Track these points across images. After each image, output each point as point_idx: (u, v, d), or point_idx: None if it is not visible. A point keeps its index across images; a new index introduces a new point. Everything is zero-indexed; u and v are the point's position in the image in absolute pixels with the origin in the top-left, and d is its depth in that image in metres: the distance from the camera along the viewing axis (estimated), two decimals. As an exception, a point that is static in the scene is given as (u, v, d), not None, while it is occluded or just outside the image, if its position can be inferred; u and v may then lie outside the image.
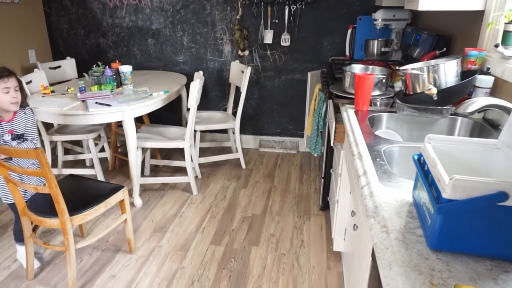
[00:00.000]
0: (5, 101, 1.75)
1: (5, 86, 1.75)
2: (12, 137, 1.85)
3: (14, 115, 1.86)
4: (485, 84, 1.55)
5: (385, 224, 0.88)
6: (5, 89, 1.74)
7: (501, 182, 0.67)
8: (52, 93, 2.69)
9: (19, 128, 1.87)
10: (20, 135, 1.88)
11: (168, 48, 3.53)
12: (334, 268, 2.10)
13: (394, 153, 1.34)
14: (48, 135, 2.83)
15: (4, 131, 1.83)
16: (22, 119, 1.89)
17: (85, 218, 1.89)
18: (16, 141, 1.87)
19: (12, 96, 1.76)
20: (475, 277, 0.71)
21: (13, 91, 1.77)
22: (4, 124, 1.84)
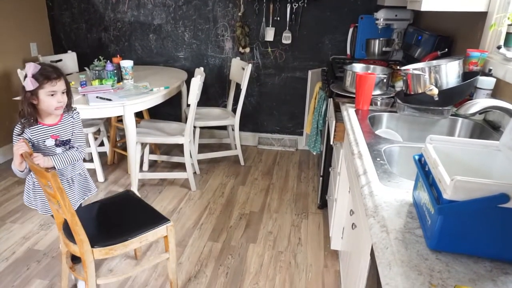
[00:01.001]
0: (50, 105, 1.58)
1: (52, 89, 1.56)
2: (57, 143, 1.66)
3: (60, 119, 1.68)
4: (486, 85, 1.55)
5: (384, 223, 0.88)
6: (51, 92, 1.56)
7: (502, 184, 0.67)
8: None
9: (64, 134, 1.69)
10: (66, 141, 1.70)
11: (170, 44, 3.53)
12: (331, 267, 2.10)
13: (394, 153, 1.34)
14: None
15: (46, 136, 1.64)
16: (68, 123, 1.70)
17: (111, 253, 1.59)
18: (61, 147, 1.69)
19: (58, 100, 1.59)
20: (475, 278, 0.71)
21: (60, 95, 1.59)
22: (46, 128, 1.64)
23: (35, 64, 1.52)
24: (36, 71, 1.52)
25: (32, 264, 2.05)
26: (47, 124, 1.65)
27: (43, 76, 1.53)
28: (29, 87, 1.53)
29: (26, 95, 1.54)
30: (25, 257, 2.11)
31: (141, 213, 1.80)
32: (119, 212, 1.82)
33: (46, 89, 1.55)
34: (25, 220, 2.43)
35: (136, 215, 1.78)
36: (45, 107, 1.59)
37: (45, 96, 1.56)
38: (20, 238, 2.27)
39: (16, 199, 2.67)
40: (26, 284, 1.92)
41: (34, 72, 1.52)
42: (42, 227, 2.37)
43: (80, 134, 1.76)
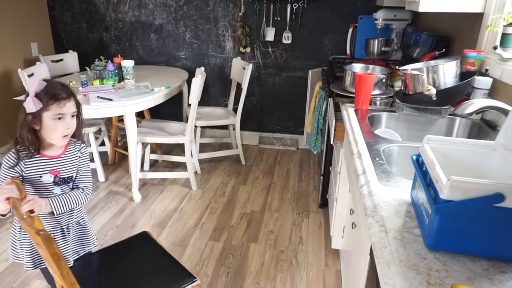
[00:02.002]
0: (55, 132, 1.27)
1: (59, 112, 1.25)
2: (55, 181, 1.35)
3: (64, 151, 1.37)
4: (483, 85, 1.57)
5: (383, 223, 0.90)
6: (58, 115, 1.25)
7: (498, 184, 0.68)
8: None
9: (67, 170, 1.37)
10: (67, 179, 1.38)
11: (170, 44, 3.54)
12: (332, 266, 2.12)
13: (393, 152, 1.35)
14: None
15: (44, 170, 1.32)
16: (73, 157, 1.39)
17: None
18: (60, 187, 1.36)
19: (66, 126, 1.28)
20: (472, 277, 0.72)
21: (69, 119, 1.28)
22: (45, 160, 1.32)
23: (40, 81, 1.24)
24: (40, 88, 1.23)
25: None
26: (47, 156, 1.33)
27: (50, 95, 1.24)
28: (31, 108, 1.22)
29: (27, 118, 1.25)
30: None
31: (160, 268, 1.45)
32: (132, 266, 1.48)
33: (52, 111, 1.24)
34: (27, 220, 2.44)
35: (154, 272, 1.43)
36: (48, 134, 1.28)
37: (50, 120, 1.25)
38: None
39: (18, 200, 2.68)
40: (26, 285, 1.93)
41: (38, 90, 1.23)
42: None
43: (88, 173, 1.45)
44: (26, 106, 1.23)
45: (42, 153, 1.33)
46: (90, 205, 2.63)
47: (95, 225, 2.41)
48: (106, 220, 2.47)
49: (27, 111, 1.23)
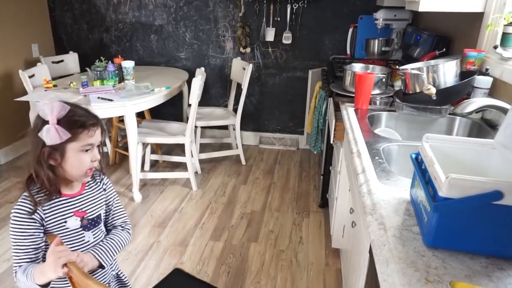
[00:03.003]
0: (82, 166, 1.05)
1: (88, 142, 1.04)
2: (84, 225, 1.11)
3: (83, 186, 1.13)
4: (483, 84, 1.57)
5: (382, 221, 0.90)
6: (86, 146, 1.04)
7: (496, 181, 0.68)
8: (55, 87, 2.70)
9: (93, 208, 1.14)
10: (96, 219, 1.14)
11: (171, 44, 3.55)
12: (332, 265, 2.12)
13: (393, 151, 1.36)
14: None
15: (68, 213, 1.08)
16: (97, 192, 1.16)
17: None
18: (91, 231, 1.12)
19: (93, 158, 1.06)
20: (471, 274, 0.72)
21: (96, 150, 1.08)
22: (66, 201, 1.08)
23: (63, 104, 1.00)
24: (64, 114, 0.99)
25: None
26: (66, 195, 1.09)
27: (77, 122, 1.02)
28: (55, 139, 0.97)
29: (44, 151, 1.00)
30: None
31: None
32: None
33: (81, 141, 1.02)
34: (28, 220, 2.45)
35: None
36: (72, 169, 1.04)
37: (76, 152, 1.02)
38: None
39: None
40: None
41: (61, 115, 0.98)
42: None
43: (120, 205, 1.25)
44: (46, 137, 0.97)
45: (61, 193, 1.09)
46: None
47: None
48: None
49: (49, 142, 0.97)
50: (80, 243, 1.10)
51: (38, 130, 0.99)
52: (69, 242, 1.09)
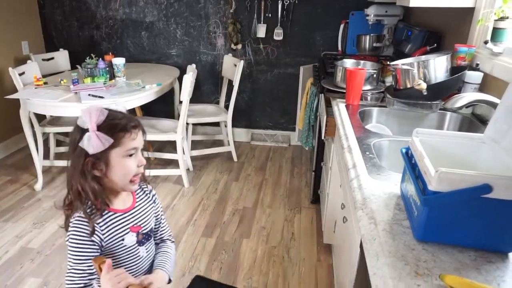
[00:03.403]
0: (129, 172, 0.99)
1: (132, 146, 0.98)
2: (139, 240, 1.07)
3: (134, 199, 1.09)
4: (474, 80, 1.58)
5: (373, 215, 0.90)
6: (131, 150, 0.98)
7: (485, 175, 0.69)
8: (45, 85, 2.67)
9: (146, 222, 1.10)
10: (149, 233, 1.11)
11: (162, 41, 3.52)
12: (324, 261, 2.12)
13: (383, 146, 1.36)
14: (40, 126, 2.80)
15: (125, 229, 1.04)
16: (148, 205, 1.12)
17: None
18: (145, 246, 1.09)
19: (139, 163, 1.01)
20: (460, 267, 0.73)
21: (140, 154, 1.02)
22: (121, 216, 1.04)
23: (101, 109, 0.95)
24: (103, 119, 0.94)
25: (26, 263, 2.05)
26: (120, 210, 1.04)
27: (117, 126, 0.96)
28: (98, 147, 0.92)
29: (87, 162, 0.95)
30: (18, 255, 2.10)
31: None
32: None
33: (124, 146, 0.96)
34: (18, 219, 2.42)
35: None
36: (118, 177, 0.98)
37: (120, 158, 0.97)
38: (13, 237, 2.26)
39: (8, 198, 2.66)
40: (20, 283, 1.91)
41: (100, 121, 0.93)
42: (35, 226, 2.36)
43: (165, 217, 1.22)
44: (88, 146, 0.92)
45: (111, 208, 1.02)
46: None
47: None
48: None
49: (92, 151, 0.92)
50: (135, 260, 1.07)
51: (78, 140, 0.93)
52: (125, 260, 1.05)
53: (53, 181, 2.92)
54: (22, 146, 3.41)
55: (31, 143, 2.66)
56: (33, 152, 2.71)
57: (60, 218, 2.41)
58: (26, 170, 3.04)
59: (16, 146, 3.41)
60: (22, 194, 2.72)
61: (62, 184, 2.88)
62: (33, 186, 2.79)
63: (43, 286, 1.90)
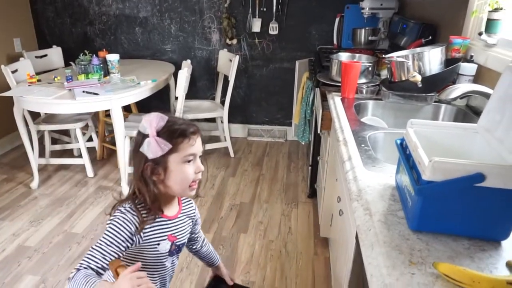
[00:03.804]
0: (187, 178, 0.99)
1: (191, 151, 0.98)
2: (171, 249, 1.07)
3: (180, 208, 1.11)
4: (468, 71, 1.58)
5: (368, 207, 0.91)
6: (189, 156, 0.98)
7: (478, 164, 0.69)
8: (39, 82, 2.65)
9: (183, 234, 1.11)
10: (181, 246, 1.12)
11: (156, 37, 3.50)
12: (321, 254, 2.13)
13: (379, 139, 1.36)
14: (35, 124, 2.79)
15: (164, 236, 1.04)
16: (188, 217, 1.13)
17: None
18: (172, 258, 1.11)
19: (198, 170, 1.01)
20: (453, 255, 0.73)
21: (199, 160, 1.02)
22: (165, 222, 1.05)
23: (161, 115, 0.96)
24: (162, 125, 0.95)
25: (23, 261, 2.04)
26: (166, 217, 1.05)
27: (176, 131, 0.96)
28: (157, 152, 0.93)
29: (147, 166, 0.96)
30: (15, 254, 2.10)
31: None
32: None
33: (182, 152, 0.96)
34: (14, 217, 2.42)
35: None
36: (176, 183, 0.99)
37: (178, 164, 0.97)
38: (10, 235, 2.25)
39: (4, 197, 2.65)
40: (17, 280, 1.91)
41: (160, 126, 0.95)
42: (32, 224, 2.36)
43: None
44: (147, 150, 0.93)
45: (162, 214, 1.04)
46: (79, 201, 2.61)
47: (84, 220, 2.40)
48: (96, 215, 2.46)
49: (151, 156, 0.93)
50: (159, 268, 1.08)
51: (139, 145, 0.95)
52: (150, 266, 1.05)
53: (50, 179, 2.90)
54: (17, 144, 3.39)
55: (26, 141, 2.65)
56: (28, 150, 2.69)
57: (57, 216, 2.46)
58: (22, 169, 3.02)
59: (11, 144, 3.39)
60: (18, 193, 2.71)
61: (58, 181, 2.87)
62: (29, 184, 2.78)
63: (41, 283, 1.89)
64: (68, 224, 2.35)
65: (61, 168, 3.06)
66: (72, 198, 2.65)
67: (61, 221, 2.40)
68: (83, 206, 2.56)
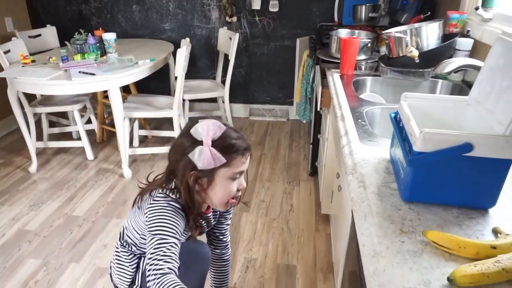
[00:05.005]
0: (227, 194, 0.99)
1: (241, 169, 0.98)
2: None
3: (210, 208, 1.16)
4: (464, 46, 1.57)
5: (362, 179, 0.93)
6: (237, 174, 0.98)
7: (467, 134, 0.70)
8: (33, 63, 2.59)
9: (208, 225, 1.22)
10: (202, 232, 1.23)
11: (154, 15, 3.45)
12: (322, 230, 2.17)
13: (376, 114, 1.37)
14: (31, 107, 2.73)
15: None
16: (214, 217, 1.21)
17: None
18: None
19: (240, 187, 1.02)
20: (443, 224, 0.75)
21: (243, 177, 1.03)
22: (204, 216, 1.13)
23: (219, 124, 0.94)
24: (219, 134, 0.93)
25: (24, 245, 2.03)
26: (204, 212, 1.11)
27: (232, 147, 0.95)
28: (208, 164, 0.91)
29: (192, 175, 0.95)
30: (15, 238, 2.09)
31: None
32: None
33: (233, 168, 0.95)
34: (13, 202, 2.41)
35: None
36: (216, 196, 0.99)
37: (225, 179, 0.96)
38: (9, 220, 2.24)
39: (3, 181, 2.64)
40: (19, 264, 1.91)
41: (216, 136, 0.92)
42: (32, 208, 2.35)
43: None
44: (198, 159, 0.90)
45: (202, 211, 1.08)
46: (79, 184, 2.61)
47: (85, 203, 2.40)
48: (97, 198, 2.47)
49: (201, 166, 0.90)
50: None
51: (186, 148, 0.92)
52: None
53: (48, 163, 2.89)
54: (13, 128, 3.36)
55: (22, 124, 2.60)
56: (25, 134, 2.64)
57: (57, 199, 2.45)
58: (19, 153, 3.01)
59: (7, 129, 3.36)
60: (17, 177, 2.69)
61: (58, 165, 2.86)
62: (28, 168, 2.75)
63: (43, 266, 1.90)
64: (69, 208, 2.35)
65: (60, 151, 3.04)
66: (72, 181, 2.64)
67: (61, 204, 2.39)
68: (84, 189, 2.56)
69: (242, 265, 1.92)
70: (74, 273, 1.86)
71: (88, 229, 2.18)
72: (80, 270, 1.88)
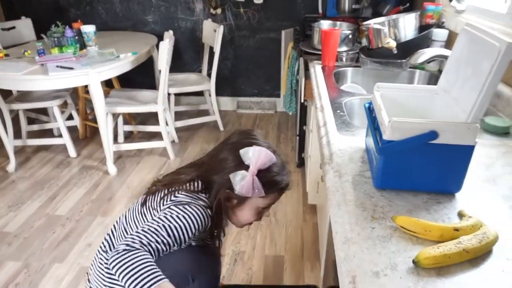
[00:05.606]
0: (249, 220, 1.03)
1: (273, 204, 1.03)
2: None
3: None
4: (440, 37, 1.61)
5: (338, 169, 0.95)
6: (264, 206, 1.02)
7: (432, 122, 0.73)
8: (6, 57, 2.48)
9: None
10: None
11: (136, 7, 3.38)
12: (309, 220, 2.19)
13: (355, 105, 1.39)
14: (6, 103, 2.60)
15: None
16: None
17: None
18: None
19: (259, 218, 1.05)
20: (412, 209, 0.78)
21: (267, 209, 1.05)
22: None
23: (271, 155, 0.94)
24: (267, 166, 0.93)
25: (2, 247, 1.97)
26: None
27: (277, 184, 0.97)
28: (246, 192, 0.92)
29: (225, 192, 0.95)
30: (-7, 241, 2.02)
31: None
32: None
33: (268, 201, 0.98)
34: (-10, 203, 2.32)
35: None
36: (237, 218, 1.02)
37: (252, 208, 0.98)
38: (-13, 221, 2.16)
39: (-21, 182, 2.56)
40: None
41: (264, 166, 0.92)
42: (11, 209, 2.28)
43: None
44: (237, 183, 0.89)
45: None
46: (61, 183, 2.55)
47: (68, 202, 2.35)
48: (81, 196, 2.41)
49: (237, 191, 0.91)
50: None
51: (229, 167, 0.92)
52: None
53: (28, 161, 2.80)
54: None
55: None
56: (1, 132, 2.56)
57: (38, 199, 2.38)
58: (-4, 152, 2.87)
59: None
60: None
61: (38, 164, 2.78)
62: (5, 168, 2.66)
63: (24, 268, 1.84)
64: (51, 207, 2.29)
65: (40, 149, 2.95)
66: (54, 180, 2.57)
67: (42, 204, 2.32)
68: (67, 187, 2.50)
69: (231, 258, 1.93)
70: (57, 273, 1.82)
71: (72, 228, 2.13)
72: (63, 271, 1.84)
